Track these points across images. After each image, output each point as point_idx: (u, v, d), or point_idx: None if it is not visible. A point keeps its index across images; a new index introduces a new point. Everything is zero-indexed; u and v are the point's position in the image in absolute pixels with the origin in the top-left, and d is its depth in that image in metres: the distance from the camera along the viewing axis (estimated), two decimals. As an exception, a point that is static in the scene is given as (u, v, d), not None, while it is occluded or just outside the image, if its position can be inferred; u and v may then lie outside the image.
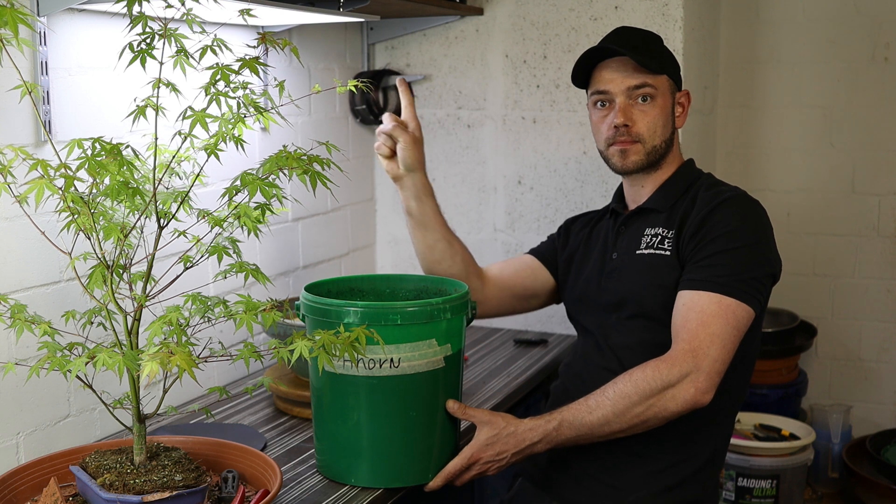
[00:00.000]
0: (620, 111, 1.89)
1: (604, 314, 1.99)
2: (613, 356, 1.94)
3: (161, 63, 1.44)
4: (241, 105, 1.48)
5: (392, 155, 2.03)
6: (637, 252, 1.93)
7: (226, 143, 1.47)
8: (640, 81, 1.88)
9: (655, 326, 1.88)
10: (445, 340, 1.74)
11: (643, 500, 1.86)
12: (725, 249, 1.75)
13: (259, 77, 1.52)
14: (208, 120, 1.46)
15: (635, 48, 1.90)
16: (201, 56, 1.45)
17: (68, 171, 1.41)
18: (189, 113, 1.46)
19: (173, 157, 1.57)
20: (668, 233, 1.89)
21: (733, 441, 3.21)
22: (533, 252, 2.26)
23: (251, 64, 1.47)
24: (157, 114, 1.48)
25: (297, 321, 2.15)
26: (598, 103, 1.95)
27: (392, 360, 1.68)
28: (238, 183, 1.49)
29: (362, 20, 2.53)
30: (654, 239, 1.90)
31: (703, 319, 1.71)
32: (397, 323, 1.67)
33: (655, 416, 1.73)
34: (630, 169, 1.94)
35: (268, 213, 1.50)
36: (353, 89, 1.61)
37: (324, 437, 1.78)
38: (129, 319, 1.52)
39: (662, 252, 1.88)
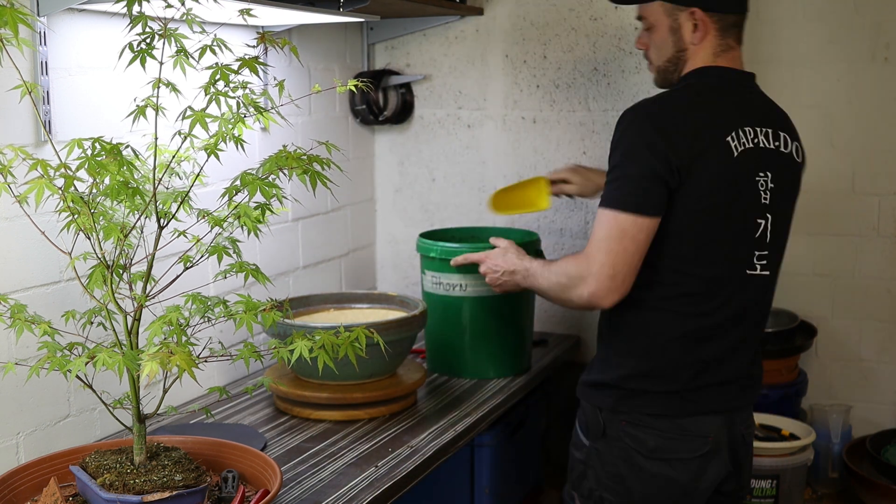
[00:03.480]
0: (637, 38, 2.11)
1: None
2: None
3: (161, 63, 1.44)
4: (241, 105, 1.48)
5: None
6: None
7: (226, 142, 1.47)
8: (637, 14, 2.08)
9: None
10: None
11: (591, 383, 2.06)
12: (611, 168, 1.90)
13: (259, 77, 1.52)
14: (208, 120, 1.46)
15: None
16: (201, 56, 1.45)
17: (68, 171, 1.41)
18: (189, 113, 1.46)
19: (173, 157, 1.57)
20: None
21: (733, 441, 3.21)
22: None
23: (251, 64, 1.47)
24: (157, 114, 1.48)
25: (297, 321, 2.16)
26: None
27: (461, 285, 2.40)
28: (238, 183, 1.49)
29: (362, 20, 2.53)
30: None
31: (595, 231, 1.89)
32: None
33: (568, 304, 1.98)
34: (656, 85, 2.11)
35: (268, 213, 1.50)
36: (353, 89, 1.61)
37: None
38: (129, 319, 1.52)
39: None
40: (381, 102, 3.01)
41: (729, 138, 1.89)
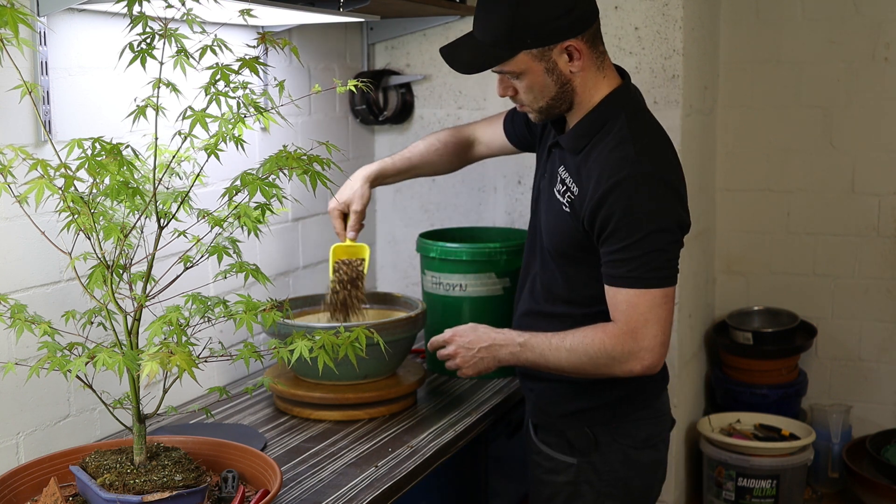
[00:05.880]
0: (498, 84, 1.96)
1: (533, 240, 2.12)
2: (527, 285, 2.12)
3: (161, 63, 1.44)
4: (241, 105, 1.48)
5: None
6: (553, 189, 1.99)
7: (226, 143, 1.47)
8: (498, 68, 1.92)
9: (555, 265, 2.02)
10: (504, 275, 2.40)
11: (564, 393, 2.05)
12: (630, 243, 1.81)
13: (259, 77, 1.52)
14: (208, 120, 1.46)
15: (463, 60, 1.93)
16: (201, 56, 1.45)
17: (68, 171, 1.41)
18: (189, 113, 1.46)
19: (173, 157, 1.57)
20: (574, 188, 1.92)
21: (733, 441, 3.21)
22: (507, 134, 2.32)
23: (251, 64, 1.47)
24: (157, 114, 1.48)
25: (297, 321, 2.16)
26: None
27: (461, 285, 2.40)
28: (238, 183, 1.49)
29: (362, 20, 2.54)
30: (563, 187, 1.95)
31: (632, 303, 1.83)
32: (463, 259, 2.40)
33: (603, 376, 1.91)
34: (539, 123, 2.08)
35: (268, 213, 1.50)
36: (353, 89, 1.61)
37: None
38: (129, 319, 1.52)
39: (564, 207, 1.94)
40: (381, 102, 3.01)
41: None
